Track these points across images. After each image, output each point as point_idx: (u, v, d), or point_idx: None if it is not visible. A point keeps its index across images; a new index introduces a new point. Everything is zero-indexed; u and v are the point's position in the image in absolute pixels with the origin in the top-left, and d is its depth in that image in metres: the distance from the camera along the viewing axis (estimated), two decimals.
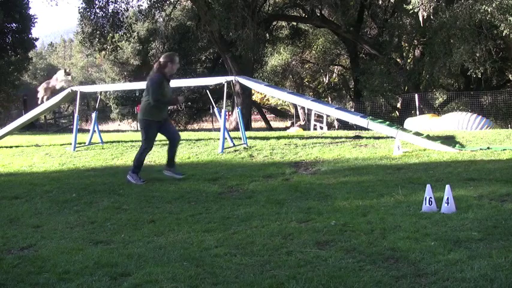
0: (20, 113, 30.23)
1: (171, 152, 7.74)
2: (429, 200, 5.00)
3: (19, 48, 27.93)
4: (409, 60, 26.25)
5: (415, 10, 15.85)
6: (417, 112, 20.59)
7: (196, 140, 11.98)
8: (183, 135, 13.91)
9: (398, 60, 25.39)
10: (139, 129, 8.11)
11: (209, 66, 31.85)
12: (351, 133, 12.43)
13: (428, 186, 5.06)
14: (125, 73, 33.86)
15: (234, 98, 22.15)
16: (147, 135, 7.54)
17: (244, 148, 10.30)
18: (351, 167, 7.80)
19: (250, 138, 11.50)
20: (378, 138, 10.55)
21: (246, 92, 20.87)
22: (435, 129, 13.87)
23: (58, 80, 12.66)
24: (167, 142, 11.93)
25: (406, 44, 25.85)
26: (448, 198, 4.90)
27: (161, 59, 7.48)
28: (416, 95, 21.23)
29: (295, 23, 29.06)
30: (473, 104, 21.46)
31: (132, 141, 12.61)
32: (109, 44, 23.64)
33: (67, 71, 12.73)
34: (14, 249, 4.44)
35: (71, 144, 11.60)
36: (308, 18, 25.71)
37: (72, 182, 7.73)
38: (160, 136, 7.90)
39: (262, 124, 34.78)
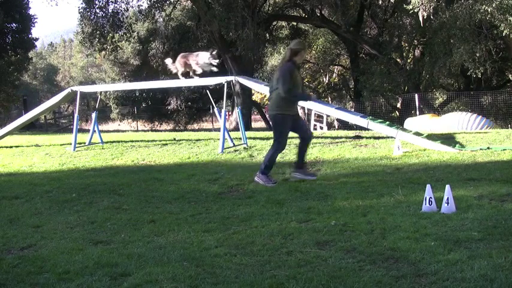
0: (20, 113, 30.24)
1: (302, 152, 7.07)
2: (429, 200, 5.00)
3: (19, 48, 27.96)
4: (409, 60, 26.25)
5: (415, 10, 15.85)
6: (417, 112, 20.59)
7: (196, 140, 11.99)
8: (183, 135, 13.93)
9: (398, 60, 25.39)
10: (271, 126, 7.16)
11: None
12: (351, 133, 12.43)
13: (428, 186, 5.06)
14: (125, 73, 33.86)
15: (234, 98, 22.15)
16: (281, 132, 6.88)
17: (244, 148, 10.31)
18: (351, 167, 7.80)
19: (250, 138, 11.50)
20: (378, 138, 10.55)
21: (246, 92, 20.87)
22: (435, 129, 13.87)
23: (199, 62, 10.79)
24: (168, 142, 11.96)
25: (406, 44, 25.85)
26: (448, 198, 4.90)
27: (293, 46, 6.82)
28: (416, 95, 21.23)
29: (295, 23, 29.05)
30: (473, 104, 21.46)
31: (132, 141, 12.62)
32: (109, 44, 23.64)
33: (213, 53, 10.58)
34: (14, 249, 4.44)
35: (71, 144, 11.61)
36: (308, 18, 25.71)
37: (72, 182, 7.73)
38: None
39: (262, 124, 34.76)
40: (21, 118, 14.04)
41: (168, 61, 11.61)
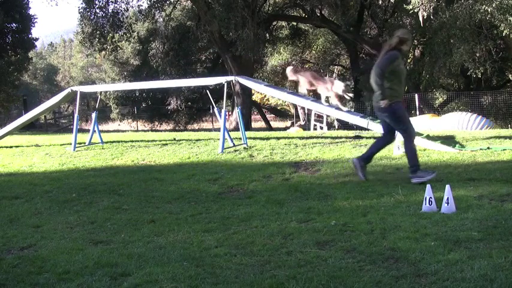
0: (20, 113, 30.25)
1: (377, 147, 6.79)
2: (429, 200, 5.00)
3: (19, 48, 27.95)
4: (409, 60, 26.24)
5: (415, 10, 15.83)
6: (417, 112, 20.59)
7: (196, 140, 11.99)
8: (183, 135, 13.93)
9: None
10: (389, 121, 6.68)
11: (209, 66, 31.83)
12: (351, 133, 12.43)
13: (428, 186, 5.06)
14: (125, 73, 33.85)
15: (234, 98, 22.15)
16: (403, 119, 6.53)
17: (244, 148, 10.31)
18: (351, 167, 7.79)
19: (250, 138, 11.50)
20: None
21: (246, 92, 20.87)
22: (435, 129, 13.86)
23: (331, 91, 9.76)
24: (168, 142, 11.95)
25: None
26: (448, 198, 4.90)
27: (401, 35, 6.48)
28: (416, 95, 21.23)
29: (295, 23, 29.04)
30: (473, 104, 21.46)
31: (132, 141, 12.61)
32: (109, 44, 23.65)
33: (348, 86, 9.46)
34: (14, 249, 4.44)
35: (71, 144, 11.60)
36: (308, 18, 25.70)
37: (72, 182, 7.73)
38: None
39: (262, 124, 34.78)
40: (21, 118, 14.04)
41: (289, 70, 10.48)
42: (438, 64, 19.88)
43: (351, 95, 9.00)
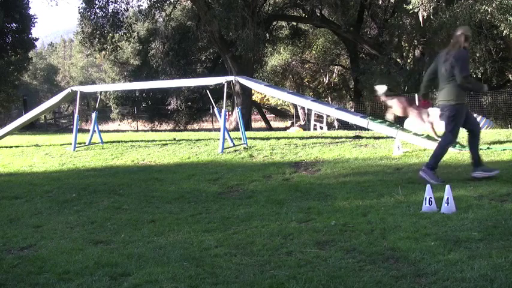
0: (20, 113, 30.25)
1: (474, 147, 6.55)
2: (429, 200, 5.00)
3: (19, 48, 27.97)
4: (409, 60, 26.24)
5: (415, 10, 15.84)
6: None
7: (196, 140, 11.99)
8: (183, 135, 13.93)
9: (398, 60, 25.38)
10: (443, 119, 6.55)
11: (209, 66, 31.82)
12: (351, 133, 12.43)
13: (428, 186, 5.06)
14: (125, 73, 33.85)
15: (234, 98, 22.16)
16: (456, 123, 6.44)
17: (244, 148, 10.31)
18: (351, 167, 7.80)
19: (250, 138, 11.50)
20: (378, 138, 10.55)
21: (246, 92, 20.87)
22: (435, 129, 13.83)
23: (423, 116, 9.52)
24: (168, 142, 11.94)
25: (406, 44, 25.83)
26: (448, 198, 4.90)
27: (465, 32, 6.39)
28: (416, 95, 21.22)
29: (295, 23, 29.06)
30: (473, 104, 21.43)
31: (132, 141, 12.61)
32: (109, 44, 23.67)
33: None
34: (14, 249, 4.44)
35: (71, 144, 11.61)
36: (308, 18, 25.72)
37: (72, 182, 7.73)
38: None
39: (262, 124, 34.78)
40: (21, 118, 14.05)
41: (381, 89, 10.11)
42: None
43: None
